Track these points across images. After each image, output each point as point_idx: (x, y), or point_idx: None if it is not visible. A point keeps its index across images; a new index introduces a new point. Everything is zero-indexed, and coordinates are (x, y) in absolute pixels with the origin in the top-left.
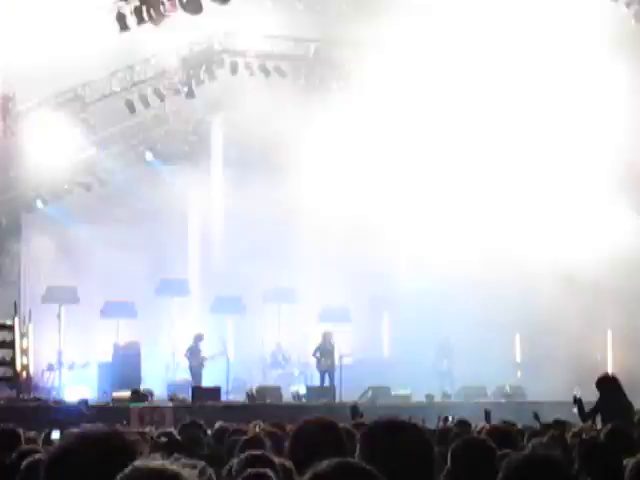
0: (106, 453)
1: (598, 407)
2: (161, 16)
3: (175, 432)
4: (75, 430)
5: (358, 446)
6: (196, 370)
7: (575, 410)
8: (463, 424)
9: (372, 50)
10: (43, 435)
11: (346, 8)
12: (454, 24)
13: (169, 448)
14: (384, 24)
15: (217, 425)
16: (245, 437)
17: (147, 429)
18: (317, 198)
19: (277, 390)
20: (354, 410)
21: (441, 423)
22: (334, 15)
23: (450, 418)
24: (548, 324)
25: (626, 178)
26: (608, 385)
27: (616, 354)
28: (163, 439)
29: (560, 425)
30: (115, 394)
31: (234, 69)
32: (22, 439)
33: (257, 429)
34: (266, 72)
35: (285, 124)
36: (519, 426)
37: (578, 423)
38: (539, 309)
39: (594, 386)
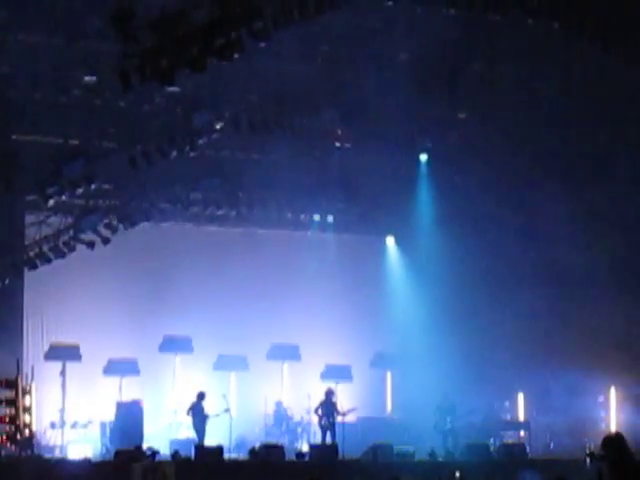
0: None
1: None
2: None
3: None
4: None
5: None
6: (199, 428)
7: (588, 462)
8: None
9: None
10: None
11: None
12: None
13: None
14: None
15: None
16: None
17: None
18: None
19: (280, 448)
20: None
21: None
22: None
23: (457, 474)
24: (550, 382)
25: None
26: (614, 444)
27: (619, 411)
28: None
29: None
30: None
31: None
32: None
33: None
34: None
35: None
36: None
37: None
38: (542, 368)
39: (600, 446)
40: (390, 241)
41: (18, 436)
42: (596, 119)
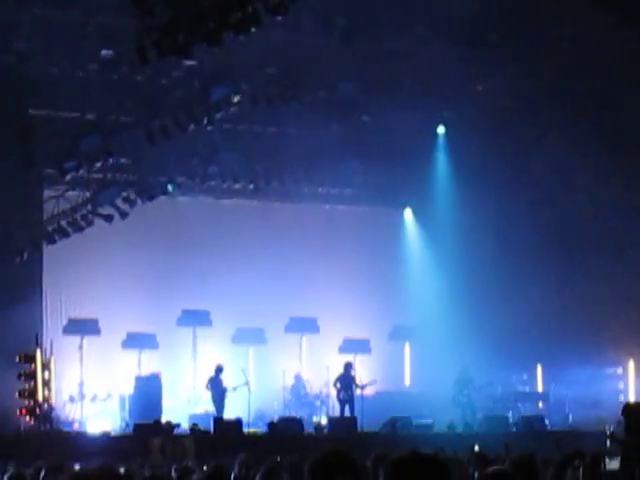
0: None
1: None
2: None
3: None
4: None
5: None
6: (218, 402)
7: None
8: (483, 456)
9: None
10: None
11: None
12: None
13: None
14: None
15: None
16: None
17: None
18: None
19: (299, 421)
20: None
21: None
22: None
23: (476, 447)
24: (569, 354)
25: None
26: (633, 412)
27: (638, 383)
28: None
29: (580, 455)
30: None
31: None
32: None
33: None
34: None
35: None
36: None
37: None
38: (560, 339)
39: (621, 412)
40: (408, 213)
41: (37, 410)
42: (612, 91)
